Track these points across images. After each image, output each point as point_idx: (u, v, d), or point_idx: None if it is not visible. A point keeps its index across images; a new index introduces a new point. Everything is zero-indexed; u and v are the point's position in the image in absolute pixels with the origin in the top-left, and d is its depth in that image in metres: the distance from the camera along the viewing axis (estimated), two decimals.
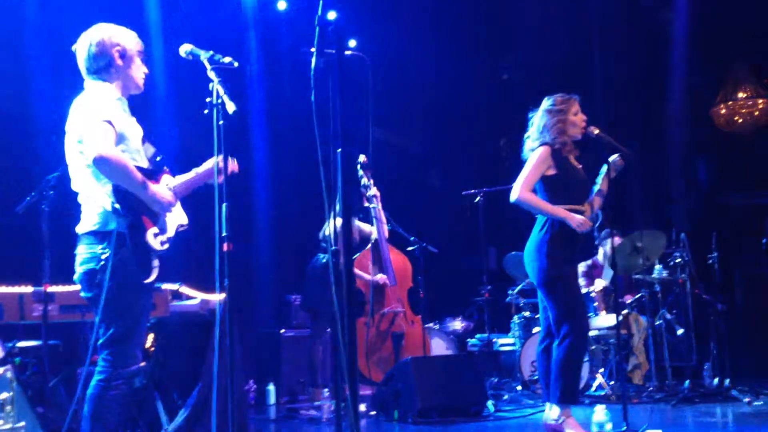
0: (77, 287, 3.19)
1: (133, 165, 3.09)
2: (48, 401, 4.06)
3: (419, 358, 5.63)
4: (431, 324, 7.07)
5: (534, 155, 4.41)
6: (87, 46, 3.21)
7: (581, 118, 4.48)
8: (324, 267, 5.87)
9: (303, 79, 2.99)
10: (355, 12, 7.20)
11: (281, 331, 6.89)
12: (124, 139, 3.13)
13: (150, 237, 3.09)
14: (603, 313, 6.41)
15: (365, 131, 3.16)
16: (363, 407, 5.55)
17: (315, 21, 2.89)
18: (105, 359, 3.08)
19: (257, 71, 7.85)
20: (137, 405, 4.03)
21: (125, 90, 3.27)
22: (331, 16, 2.92)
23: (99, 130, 2.99)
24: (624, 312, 6.51)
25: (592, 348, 6.45)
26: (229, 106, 3.02)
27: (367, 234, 6.16)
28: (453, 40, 8.57)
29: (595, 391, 6.26)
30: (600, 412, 4.41)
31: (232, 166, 3.31)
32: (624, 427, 4.18)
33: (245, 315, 5.78)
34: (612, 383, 6.26)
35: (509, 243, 7.41)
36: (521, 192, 4.37)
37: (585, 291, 6.41)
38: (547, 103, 4.50)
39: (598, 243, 6.95)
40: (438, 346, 6.77)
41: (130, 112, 3.27)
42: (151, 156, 3.35)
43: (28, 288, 4.08)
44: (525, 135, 4.58)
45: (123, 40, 3.24)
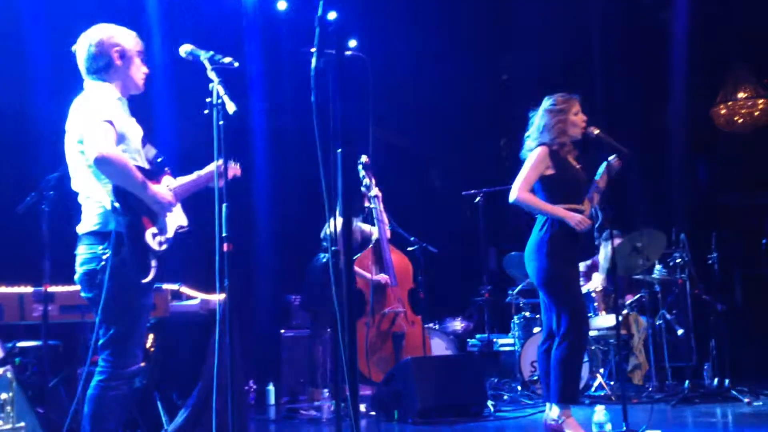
0: (77, 287, 3.19)
1: (134, 165, 3.09)
2: (48, 401, 4.05)
3: (419, 358, 5.63)
4: (431, 324, 7.07)
5: (532, 156, 4.42)
6: (86, 46, 3.21)
7: (581, 118, 4.49)
8: (324, 267, 5.87)
9: (303, 80, 2.98)
10: (355, 12, 7.20)
11: (281, 332, 6.88)
12: (124, 140, 3.13)
13: (149, 237, 3.09)
14: (603, 314, 6.42)
15: (365, 131, 3.15)
16: (363, 407, 5.54)
17: (315, 21, 2.89)
18: (105, 359, 3.08)
19: (257, 71, 7.84)
20: (137, 405, 4.03)
21: (125, 90, 3.26)
22: (331, 16, 2.93)
23: (99, 129, 2.99)
24: (624, 312, 6.52)
25: (591, 348, 6.45)
26: (230, 106, 3.02)
27: (368, 234, 6.16)
28: (453, 40, 8.57)
29: (595, 392, 6.26)
30: (600, 412, 4.41)
31: (233, 170, 3.31)
32: (624, 428, 4.18)
33: (245, 315, 5.77)
34: (612, 383, 6.27)
35: (509, 243, 7.42)
36: (519, 192, 4.38)
37: (585, 291, 6.41)
38: (548, 103, 4.51)
39: (598, 243, 6.95)
40: (438, 346, 6.76)
41: (130, 112, 3.27)
42: (153, 157, 3.35)
43: (28, 288, 4.08)
44: (525, 134, 4.58)
45: (122, 40, 3.24)
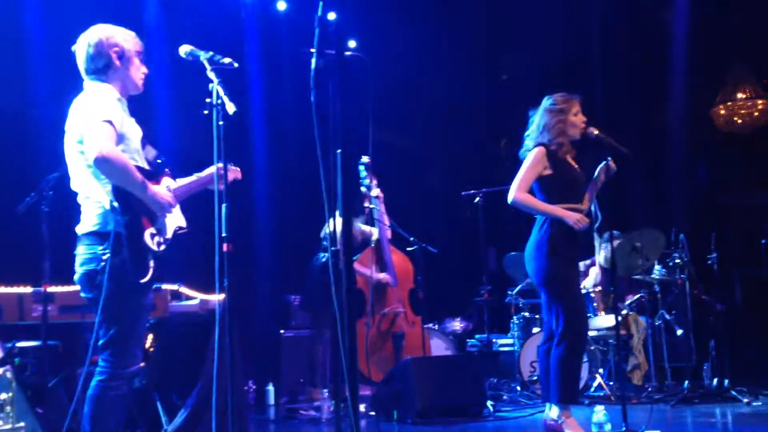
0: (77, 288, 3.19)
1: (133, 165, 3.09)
2: (48, 402, 4.05)
3: (419, 358, 5.63)
4: (431, 324, 7.07)
5: (529, 156, 4.42)
6: (85, 47, 3.21)
7: (581, 118, 4.49)
8: (324, 267, 5.87)
9: (303, 80, 2.98)
10: (355, 12, 7.20)
11: (281, 332, 6.88)
12: (124, 140, 3.13)
13: (147, 237, 3.09)
14: (602, 314, 6.42)
15: (365, 131, 3.15)
16: (362, 407, 5.54)
17: (315, 21, 2.89)
18: (105, 360, 3.08)
19: (257, 72, 7.84)
20: (137, 405, 4.03)
21: (124, 90, 3.26)
22: (331, 16, 2.92)
23: (99, 129, 2.99)
24: (623, 312, 6.51)
25: (591, 348, 6.45)
26: (229, 106, 3.02)
27: (368, 235, 6.16)
28: (453, 40, 8.57)
29: (595, 392, 6.26)
30: (599, 412, 4.41)
31: (234, 173, 3.30)
32: (623, 428, 4.18)
33: (245, 315, 5.77)
34: (611, 384, 6.27)
35: (509, 243, 7.42)
36: (517, 193, 4.38)
37: (583, 289, 6.41)
38: (548, 103, 4.51)
39: (597, 244, 6.94)
40: (437, 346, 6.76)
41: (129, 112, 3.27)
42: (153, 158, 3.35)
43: (27, 288, 4.08)
44: (525, 134, 4.59)
45: (121, 40, 3.24)
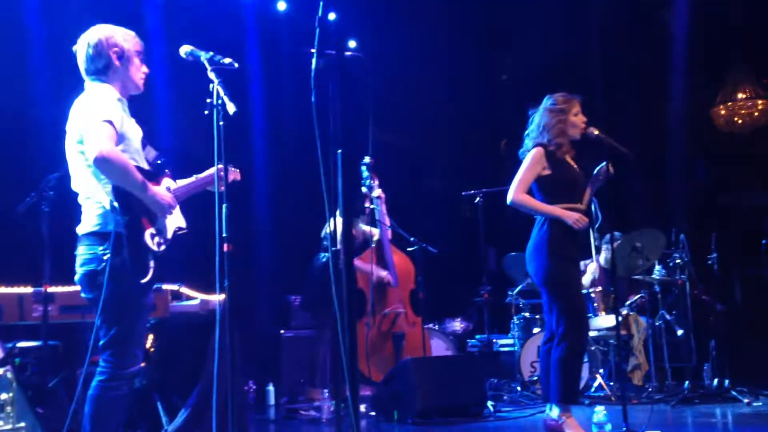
0: (77, 288, 3.19)
1: (134, 166, 3.09)
2: (48, 402, 4.05)
3: (419, 358, 5.63)
4: (431, 325, 7.07)
5: (528, 157, 4.42)
6: (85, 47, 3.21)
7: (581, 119, 4.49)
8: (325, 267, 5.87)
9: (303, 80, 2.98)
10: (355, 12, 7.20)
11: (281, 332, 6.88)
12: (124, 140, 3.13)
13: (147, 237, 3.09)
14: (602, 314, 6.41)
15: (365, 131, 3.15)
16: (363, 408, 5.54)
17: (315, 22, 2.89)
18: (106, 360, 3.08)
19: (257, 72, 7.84)
20: (137, 405, 4.03)
21: (125, 90, 3.26)
22: (331, 16, 2.92)
23: (100, 129, 2.99)
24: (623, 312, 6.51)
25: (591, 348, 6.45)
26: (230, 106, 3.02)
27: (369, 235, 6.15)
28: (453, 40, 8.57)
29: (595, 392, 6.26)
30: (600, 412, 4.41)
31: (233, 174, 3.30)
32: (624, 428, 4.17)
33: (245, 315, 5.77)
34: (612, 384, 6.27)
35: (509, 243, 7.42)
36: (516, 194, 4.39)
37: (584, 291, 6.41)
38: (548, 103, 4.51)
39: (597, 245, 6.94)
40: (438, 346, 6.76)
41: (130, 113, 3.27)
42: (153, 159, 3.35)
43: (28, 288, 4.08)
44: (525, 133, 4.58)
45: (121, 40, 3.23)
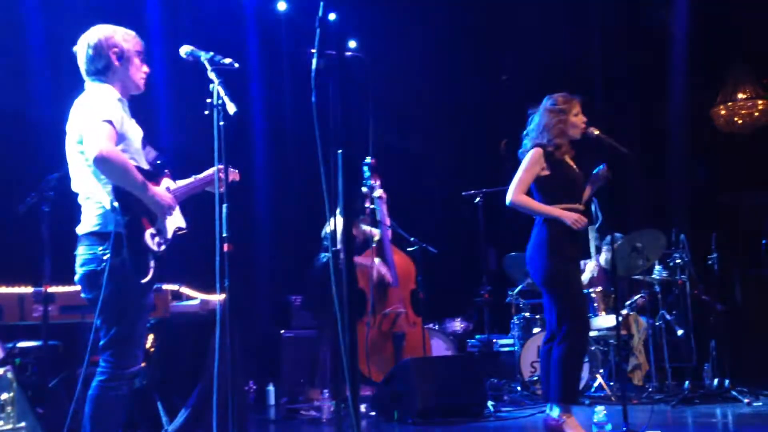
0: (77, 288, 3.19)
1: (134, 166, 3.09)
2: (48, 402, 4.05)
3: (419, 358, 5.63)
4: (431, 324, 7.07)
5: (527, 158, 4.42)
6: (85, 48, 3.21)
7: (581, 119, 4.48)
8: (325, 267, 5.87)
9: (303, 80, 2.98)
10: (355, 12, 7.20)
11: (281, 332, 6.88)
12: (124, 140, 3.12)
13: (147, 237, 3.09)
14: (602, 314, 6.41)
15: (366, 131, 3.15)
16: (363, 408, 5.54)
17: (315, 22, 2.89)
18: (106, 360, 3.08)
19: (257, 72, 7.84)
20: (137, 405, 4.03)
21: (125, 91, 3.26)
22: (332, 17, 2.92)
23: (100, 129, 2.98)
24: (624, 312, 6.51)
25: (591, 349, 6.45)
26: (230, 107, 3.02)
27: (369, 235, 6.15)
28: (453, 39, 8.57)
29: (595, 392, 6.26)
30: (600, 412, 4.41)
31: (232, 175, 3.30)
32: (624, 428, 4.17)
33: (245, 315, 5.77)
34: (612, 384, 6.27)
35: (509, 243, 7.41)
36: (514, 195, 4.39)
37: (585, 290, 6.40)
38: (548, 103, 4.50)
39: (598, 245, 6.94)
40: (438, 346, 6.76)
41: (130, 113, 3.27)
42: (153, 159, 3.35)
43: (28, 288, 4.08)
44: (524, 133, 4.58)
45: (120, 40, 3.23)
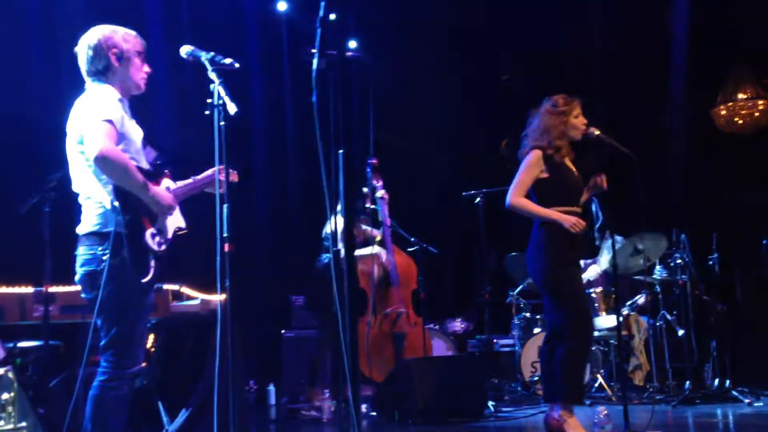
0: (78, 288, 3.19)
1: (134, 165, 3.08)
2: (49, 402, 4.05)
3: (420, 359, 5.63)
4: (431, 325, 7.07)
5: (526, 160, 4.42)
6: (85, 49, 3.21)
7: (582, 121, 4.48)
8: (327, 267, 5.87)
9: (304, 80, 2.98)
10: (356, 12, 7.20)
11: (282, 332, 6.88)
12: (124, 140, 3.12)
13: (148, 237, 3.09)
14: (603, 314, 6.41)
15: (366, 131, 3.16)
16: (363, 408, 5.54)
17: (316, 22, 2.89)
18: (107, 360, 3.08)
19: (257, 72, 7.84)
20: (138, 405, 4.03)
21: (125, 91, 3.25)
22: (332, 17, 2.92)
23: (100, 129, 2.98)
24: (624, 313, 6.51)
25: (592, 349, 6.44)
26: (231, 107, 3.02)
27: (369, 235, 6.15)
28: (453, 39, 8.57)
29: (596, 392, 6.26)
30: (601, 413, 4.41)
31: (231, 176, 3.30)
32: (625, 429, 4.17)
33: (246, 315, 5.77)
34: (613, 384, 6.26)
35: (509, 244, 7.41)
36: (513, 197, 4.39)
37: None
38: (549, 104, 4.50)
39: (598, 244, 6.93)
40: (438, 347, 6.76)
41: (131, 113, 3.27)
42: (153, 159, 3.35)
43: (29, 288, 4.08)
44: (522, 134, 4.58)
45: (120, 41, 3.22)
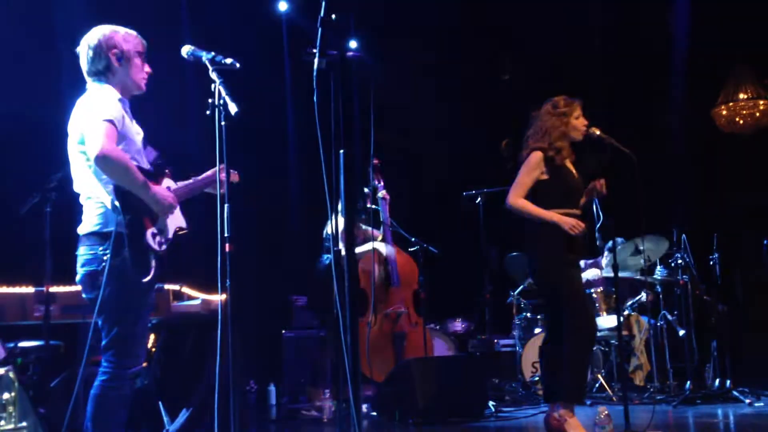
0: (79, 288, 3.19)
1: (135, 165, 3.09)
2: (50, 402, 4.06)
3: (420, 358, 5.63)
4: (432, 325, 7.07)
5: (527, 161, 4.42)
6: (86, 49, 3.22)
7: (582, 122, 4.49)
8: (330, 268, 5.86)
9: (305, 80, 2.98)
10: (356, 13, 7.19)
11: (282, 332, 6.88)
12: (125, 140, 3.12)
13: (149, 237, 3.09)
14: (604, 314, 6.41)
15: (366, 131, 3.16)
16: (364, 408, 5.54)
17: (317, 22, 2.89)
18: (108, 360, 3.08)
19: (258, 72, 7.84)
20: (139, 405, 4.03)
21: (126, 91, 3.25)
22: (333, 17, 2.92)
23: (101, 128, 2.98)
24: (625, 313, 6.51)
25: (593, 349, 6.44)
26: (232, 107, 3.02)
27: (370, 235, 6.15)
28: (454, 39, 8.57)
29: (597, 393, 6.26)
30: (602, 413, 4.40)
31: (232, 176, 3.31)
32: (625, 429, 4.18)
33: (246, 315, 5.77)
34: (613, 384, 6.26)
35: (510, 244, 7.41)
36: (513, 198, 4.40)
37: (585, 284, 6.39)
38: (549, 106, 4.50)
39: (600, 245, 6.92)
40: (439, 346, 6.76)
41: (131, 113, 3.27)
42: (153, 159, 3.35)
43: (29, 288, 4.09)
44: (525, 137, 4.58)
45: (121, 41, 3.22)
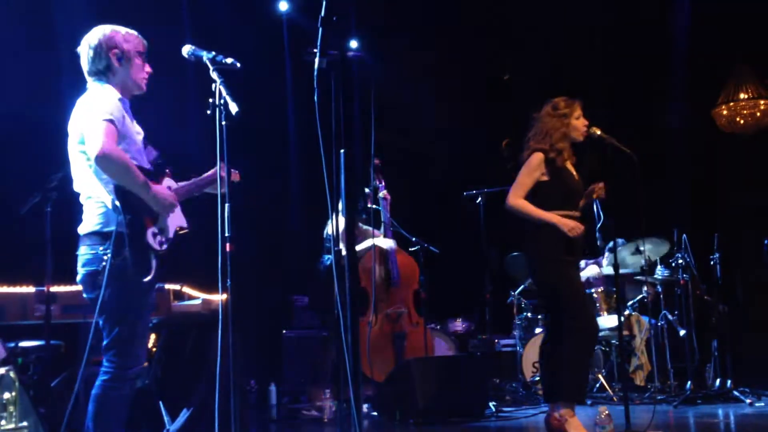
0: (79, 288, 3.19)
1: (135, 165, 3.08)
2: (50, 402, 4.06)
3: (421, 358, 5.63)
4: (433, 325, 7.07)
5: (527, 162, 4.42)
6: (86, 49, 3.22)
7: (583, 122, 4.49)
8: (331, 268, 5.86)
9: (305, 80, 2.98)
10: (356, 13, 7.19)
11: (283, 332, 6.88)
12: (125, 139, 3.12)
13: (149, 236, 3.09)
14: (604, 314, 6.41)
15: (367, 131, 3.16)
16: (364, 408, 5.54)
17: (317, 21, 2.89)
18: (109, 360, 3.08)
19: (259, 71, 7.84)
20: (139, 405, 4.03)
21: (126, 91, 3.25)
22: (333, 16, 2.93)
23: (101, 128, 2.98)
24: (626, 313, 6.51)
25: (594, 348, 6.44)
26: (232, 106, 3.02)
27: (370, 235, 6.15)
28: (454, 39, 8.57)
29: (597, 392, 6.26)
30: (602, 413, 4.40)
31: (233, 175, 3.31)
32: (626, 429, 4.17)
33: (247, 315, 5.78)
34: (614, 384, 6.26)
35: (511, 244, 7.41)
36: (513, 199, 4.40)
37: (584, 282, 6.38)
38: (550, 107, 4.51)
39: (600, 245, 6.92)
40: (439, 346, 6.76)
41: (131, 113, 3.27)
42: (153, 159, 3.35)
43: (30, 288, 4.09)
44: (526, 138, 4.58)
45: (121, 41, 3.22)
